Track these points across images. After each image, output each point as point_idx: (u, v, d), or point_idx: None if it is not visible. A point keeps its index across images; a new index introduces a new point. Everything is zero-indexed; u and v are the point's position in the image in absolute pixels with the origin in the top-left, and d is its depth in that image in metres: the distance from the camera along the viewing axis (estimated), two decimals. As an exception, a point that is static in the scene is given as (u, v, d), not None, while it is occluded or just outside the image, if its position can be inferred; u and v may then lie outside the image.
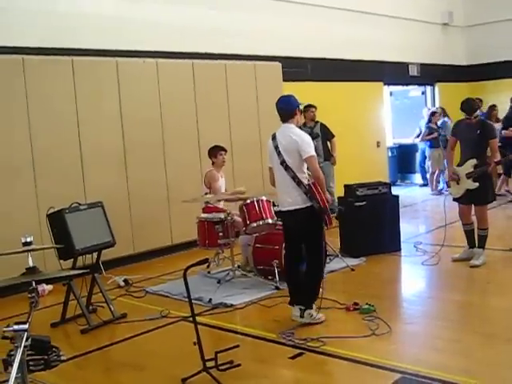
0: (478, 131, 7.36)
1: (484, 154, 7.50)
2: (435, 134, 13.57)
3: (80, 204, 6.36)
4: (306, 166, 5.79)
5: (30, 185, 7.80)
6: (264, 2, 10.97)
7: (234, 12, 10.45)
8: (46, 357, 3.63)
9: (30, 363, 3.54)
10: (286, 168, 5.75)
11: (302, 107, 6.18)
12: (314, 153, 5.76)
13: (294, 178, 5.72)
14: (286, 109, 5.90)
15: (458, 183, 7.54)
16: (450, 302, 6.43)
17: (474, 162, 7.37)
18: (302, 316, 5.80)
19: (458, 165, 7.58)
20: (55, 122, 8.06)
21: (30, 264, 3.63)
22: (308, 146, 5.73)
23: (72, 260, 6.16)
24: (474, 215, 7.69)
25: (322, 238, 5.88)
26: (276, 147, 5.83)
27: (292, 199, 5.77)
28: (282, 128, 5.92)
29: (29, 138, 7.80)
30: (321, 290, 5.88)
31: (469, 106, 7.42)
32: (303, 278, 5.96)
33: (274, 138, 5.92)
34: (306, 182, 5.75)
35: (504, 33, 15.38)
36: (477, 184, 7.35)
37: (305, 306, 5.81)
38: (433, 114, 13.99)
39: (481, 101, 12.50)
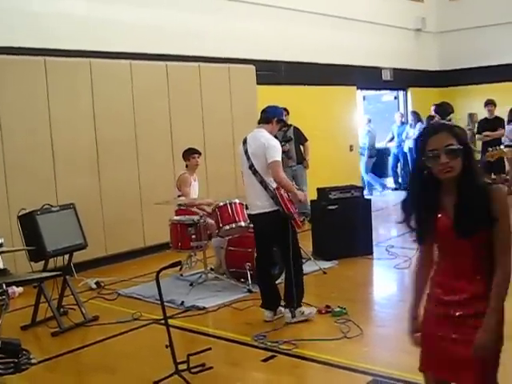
0: None
1: None
2: None
3: (52, 206, 6.32)
4: None
5: (1, 186, 7.72)
6: (238, 5, 10.97)
7: (208, 14, 10.44)
8: (16, 360, 3.60)
9: (0, 366, 3.51)
10: (255, 172, 5.82)
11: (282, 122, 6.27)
12: (278, 158, 5.79)
13: (262, 182, 5.79)
14: (267, 112, 6.06)
15: None
16: (420, 305, 6.48)
17: None
18: (293, 316, 5.86)
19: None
20: (27, 122, 7.98)
21: (1, 266, 3.59)
22: (274, 151, 5.77)
23: (43, 262, 6.11)
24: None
25: (294, 240, 5.89)
26: (246, 151, 5.91)
27: (261, 203, 5.83)
28: (253, 132, 6.01)
29: (0, 137, 7.72)
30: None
31: (442, 109, 7.53)
32: (275, 280, 6.00)
33: (244, 142, 6.00)
34: (273, 185, 5.78)
35: (476, 39, 15.55)
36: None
37: (294, 306, 5.87)
38: (431, 117, 13.91)
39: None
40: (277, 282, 6.40)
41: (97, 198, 8.70)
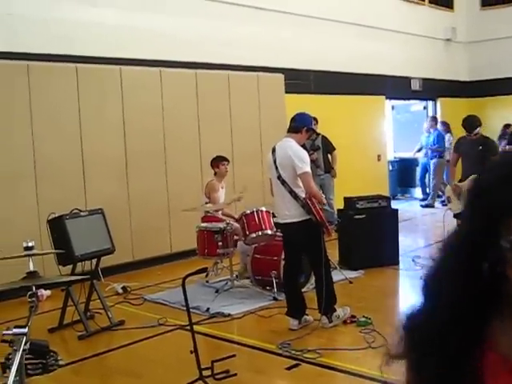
0: (480, 147, 7.40)
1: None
2: None
3: (80, 210, 6.39)
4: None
5: (32, 191, 7.83)
6: (268, 13, 11.02)
7: (237, 23, 10.51)
8: (44, 361, 3.65)
9: (29, 367, 3.55)
10: (283, 182, 5.86)
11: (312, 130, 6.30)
12: (307, 169, 5.83)
13: (291, 192, 5.83)
14: (296, 121, 6.09)
15: (458, 198, 7.56)
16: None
17: (475, 177, 7.37)
18: (330, 321, 5.94)
19: (460, 180, 7.61)
20: (58, 129, 8.09)
21: (31, 268, 3.63)
22: (301, 162, 5.79)
23: (71, 266, 6.18)
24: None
25: (323, 248, 5.92)
26: (274, 161, 5.94)
27: (290, 212, 5.87)
28: (281, 141, 6.03)
29: (31, 144, 7.84)
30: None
31: (469, 123, 7.47)
32: (301, 288, 6.03)
33: (273, 151, 6.02)
34: (302, 195, 5.80)
35: (506, 49, 15.42)
36: (477, 200, 7.35)
37: (330, 312, 5.96)
38: (507, 126, 13.56)
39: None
40: (302, 291, 6.42)
41: (125, 204, 8.78)
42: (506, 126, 13.43)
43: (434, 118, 14.67)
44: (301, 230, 5.87)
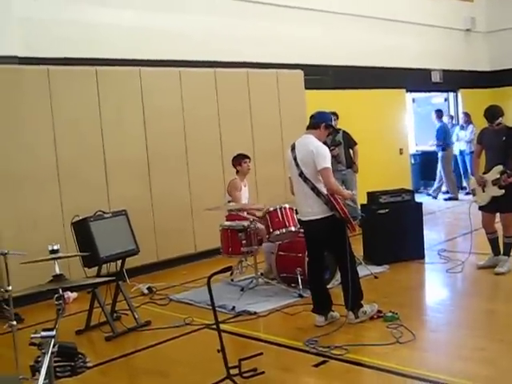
0: (504, 138, 7.31)
1: (510, 160, 7.43)
2: None
3: (104, 212, 6.42)
4: None
5: (55, 194, 7.88)
6: (285, 10, 11.00)
7: (255, 20, 10.50)
8: (72, 363, 3.67)
9: (57, 369, 3.58)
10: (305, 179, 5.82)
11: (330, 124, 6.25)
12: (327, 165, 5.79)
13: (313, 188, 5.79)
14: (315, 118, 6.11)
15: (483, 190, 7.48)
16: (474, 309, 6.39)
17: (500, 168, 7.30)
18: (357, 317, 5.92)
19: (484, 172, 7.53)
20: (79, 132, 8.14)
21: (57, 271, 3.66)
22: (322, 158, 5.76)
23: (96, 268, 6.21)
24: (498, 222, 7.63)
25: (348, 244, 5.91)
26: (295, 158, 5.91)
27: (312, 209, 5.84)
28: (301, 138, 6.01)
29: (54, 147, 7.89)
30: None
31: (490, 113, 7.37)
32: (326, 285, 6.03)
33: (293, 148, 5.99)
34: (325, 191, 5.77)
35: (527, 38, 15.27)
36: (502, 191, 7.28)
37: (357, 307, 5.95)
38: None
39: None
40: (328, 287, 6.40)
41: (148, 205, 8.80)
42: None
43: (439, 111, 14.58)
44: (324, 227, 5.84)
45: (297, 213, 6.85)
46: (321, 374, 4.93)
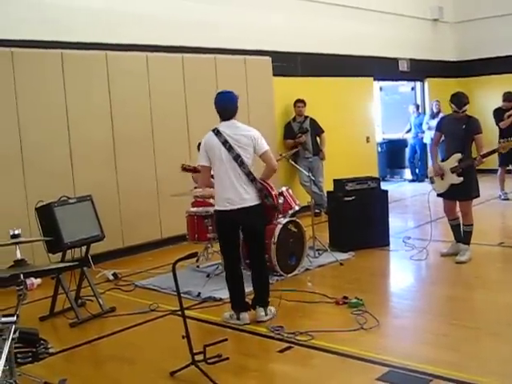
0: (464, 126, 7.39)
1: (469, 148, 7.51)
2: None
3: (69, 198, 6.34)
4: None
5: (19, 178, 7.77)
6: (254, -4, 10.95)
7: (224, 5, 10.41)
8: (34, 349, 3.64)
9: (18, 356, 3.54)
10: (241, 163, 5.61)
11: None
12: (268, 147, 5.79)
13: (249, 174, 5.63)
14: (232, 106, 5.87)
15: (442, 178, 7.56)
16: (437, 296, 6.47)
17: (458, 156, 7.39)
18: (266, 314, 5.83)
19: (443, 160, 7.61)
20: (44, 116, 8.02)
21: (19, 256, 3.61)
22: (263, 140, 5.74)
23: (61, 254, 6.15)
24: (459, 211, 7.73)
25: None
26: (224, 142, 5.66)
27: (249, 195, 5.64)
28: (226, 124, 5.80)
29: (18, 131, 7.76)
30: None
31: (458, 99, 7.42)
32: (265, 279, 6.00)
33: (218, 133, 5.75)
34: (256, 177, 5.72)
35: (494, 29, 15.41)
36: (461, 179, 7.37)
37: (266, 304, 5.87)
38: None
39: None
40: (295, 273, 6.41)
41: (114, 190, 8.73)
42: None
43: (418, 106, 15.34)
44: (257, 214, 5.71)
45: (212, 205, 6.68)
46: (286, 360, 4.95)
